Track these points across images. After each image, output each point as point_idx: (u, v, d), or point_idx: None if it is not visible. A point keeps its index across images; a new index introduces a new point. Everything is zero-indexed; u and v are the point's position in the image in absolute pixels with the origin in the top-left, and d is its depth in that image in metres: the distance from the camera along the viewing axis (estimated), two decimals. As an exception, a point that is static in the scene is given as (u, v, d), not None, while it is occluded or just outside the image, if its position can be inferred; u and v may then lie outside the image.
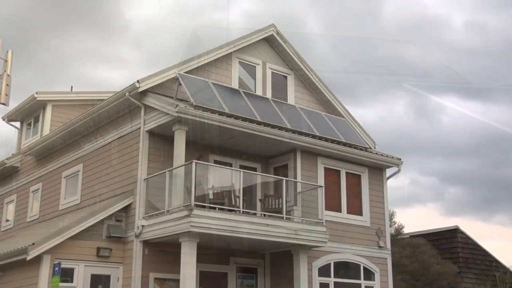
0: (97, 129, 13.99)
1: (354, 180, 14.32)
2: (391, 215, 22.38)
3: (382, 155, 14.65)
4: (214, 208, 10.92)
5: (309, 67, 15.24)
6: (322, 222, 12.33)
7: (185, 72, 12.97)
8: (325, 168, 13.81)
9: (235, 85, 14.08)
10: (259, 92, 14.45)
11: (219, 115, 11.96)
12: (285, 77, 15.17)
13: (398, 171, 14.61)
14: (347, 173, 14.18)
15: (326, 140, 13.74)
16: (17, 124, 17.42)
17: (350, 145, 14.16)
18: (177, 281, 10.86)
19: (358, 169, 14.44)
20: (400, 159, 14.77)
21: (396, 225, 21.71)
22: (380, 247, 14.13)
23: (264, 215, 11.93)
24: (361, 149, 14.30)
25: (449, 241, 19.49)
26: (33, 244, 10.58)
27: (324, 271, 12.88)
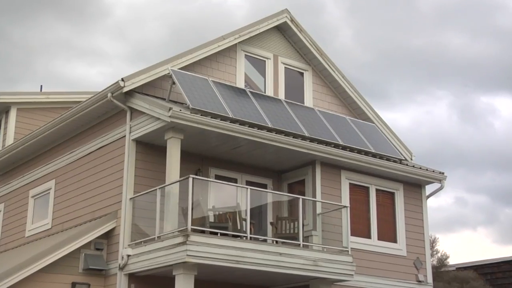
0: (72, 138, 14.07)
1: (386, 199, 14.42)
2: (433, 242, 22.48)
3: (420, 168, 14.67)
4: (216, 233, 10.93)
5: (331, 62, 15.35)
6: (348, 251, 12.35)
7: (179, 68, 13.05)
8: (350, 184, 13.91)
9: (240, 83, 14.17)
10: (269, 92, 14.54)
11: (221, 120, 12.02)
12: (301, 73, 15.28)
13: (441, 188, 14.67)
14: (377, 190, 14.27)
15: (352, 150, 13.82)
16: (-27, 132, 17.72)
17: (381, 157, 14.23)
18: (170, 324, 11.04)
19: (392, 186, 14.55)
20: (443, 173, 14.81)
21: (439, 255, 22.00)
22: (420, 281, 14.15)
23: (276, 242, 11.95)
24: (394, 161, 14.38)
25: (506, 275, 19.26)
26: (-11, 280, 10.64)
27: (350, 311, 13.32)
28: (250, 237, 11.31)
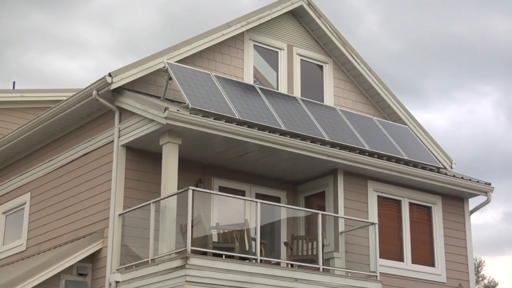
0: (51, 143, 14.09)
1: (422, 215, 14.34)
2: (478, 266, 22.47)
3: (462, 178, 14.63)
4: (220, 255, 10.89)
5: (355, 52, 15.36)
6: (376, 276, 12.35)
7: (177, 62, 13.11)
8: (379, 197, 13.94)
9: (249, 79, 14.23)
10: (283, 89, 14.56)
11: (226, 122, 12.04)
12: (320, 67, 15.29)
13: (487, 202, 14.66)
14: (411, 204, 14.24)
15: (381, 157, 13.81)
16: None
17: (415, 164, 14.17)
18: None
19: (428, 199, 14.47)
20: (489, 184, 14.79)
21: (486, 281, 22.13)
22: (462, 312, 14.75)
23: (291, 265, 11.95)
24: (431, 170, 14.30)
25: None
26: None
27: None
28: (261, 260, 11.24)
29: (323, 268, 11.84)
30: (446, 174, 14.56)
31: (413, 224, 14.10)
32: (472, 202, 14.94)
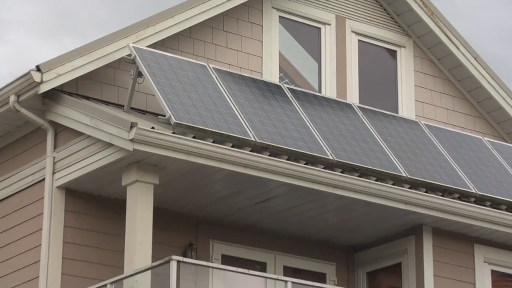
0: None
1: None
2: None
3: None
4: None
5: (452, 29, 15.48)
6: None
7: (150, 46, 13.20)
8: (494, 273, 13.86)
9: (271, 74, 14.36)
10: (329, 90, 14.58)
11: (234, 147, 12.00)
12: (393, 53, 15.39)
13: None
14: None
15: (497, 205, 13.79)
16: None
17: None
18: None
19: None
20: None
21: None
22: None
23: None
24: None
25: None
26: None
27: None
28: None
29: None
30: None
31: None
32: None
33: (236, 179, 12.15)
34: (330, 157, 12.60)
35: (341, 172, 12.54)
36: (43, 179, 12.36)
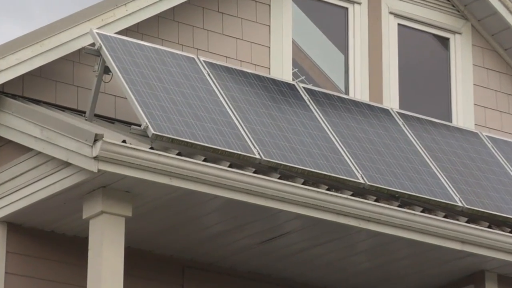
0: None
1: None
2: None
3: None
4: None
5: None
6: None
7: (119, 33, 12.61)
8: None
9: (282, 69, 13.93)
10: (359, 90, 14.26)
11: (232, 168, 11.37)
12: (444, 41, 15.05)
13: None
14: None
15: None
16: None
17: None
18: None
19: None
20: None
21: None
22: None
23: None
24: None
25: None
26: None
27: None
28: None
29: None
30: None
31: None
32: None
33: (235, 210, 11.59)
34: (361, 181, 12.02)
35: (376, 201, 11.90)
36: (-25, 211, 11.74)
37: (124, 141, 10.75)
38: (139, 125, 11.39)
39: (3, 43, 11.96)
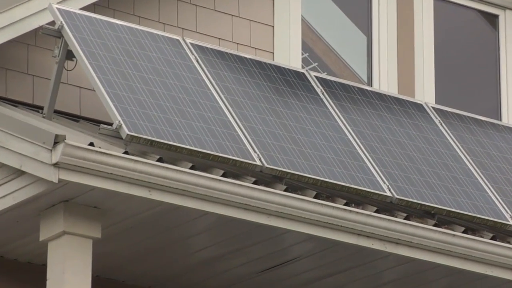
0: None
1: None
2: None
3: None
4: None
5: None
6: None
7: (84, 8, 12.64)
8: None
9: (287, 54, 14.06)
10: (386, 81, 14.32)
11: (226, 177, 11.27)
12: (491, 19, 15.23)
13: None
14: None
15: None
16: None
17: None
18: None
19: None
20: None
21: None
22: None
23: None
24: None
25: None
26: None
27: None
28: None
29: None
30: None
31: None
32: None
33: (230, 229, 11.42)
34: (388, 194, 11.81)
35: (406, 219, 11.66)
36: None
37: (91, 144, 10.68)
38: (110, 124, 11.29)
39: None
